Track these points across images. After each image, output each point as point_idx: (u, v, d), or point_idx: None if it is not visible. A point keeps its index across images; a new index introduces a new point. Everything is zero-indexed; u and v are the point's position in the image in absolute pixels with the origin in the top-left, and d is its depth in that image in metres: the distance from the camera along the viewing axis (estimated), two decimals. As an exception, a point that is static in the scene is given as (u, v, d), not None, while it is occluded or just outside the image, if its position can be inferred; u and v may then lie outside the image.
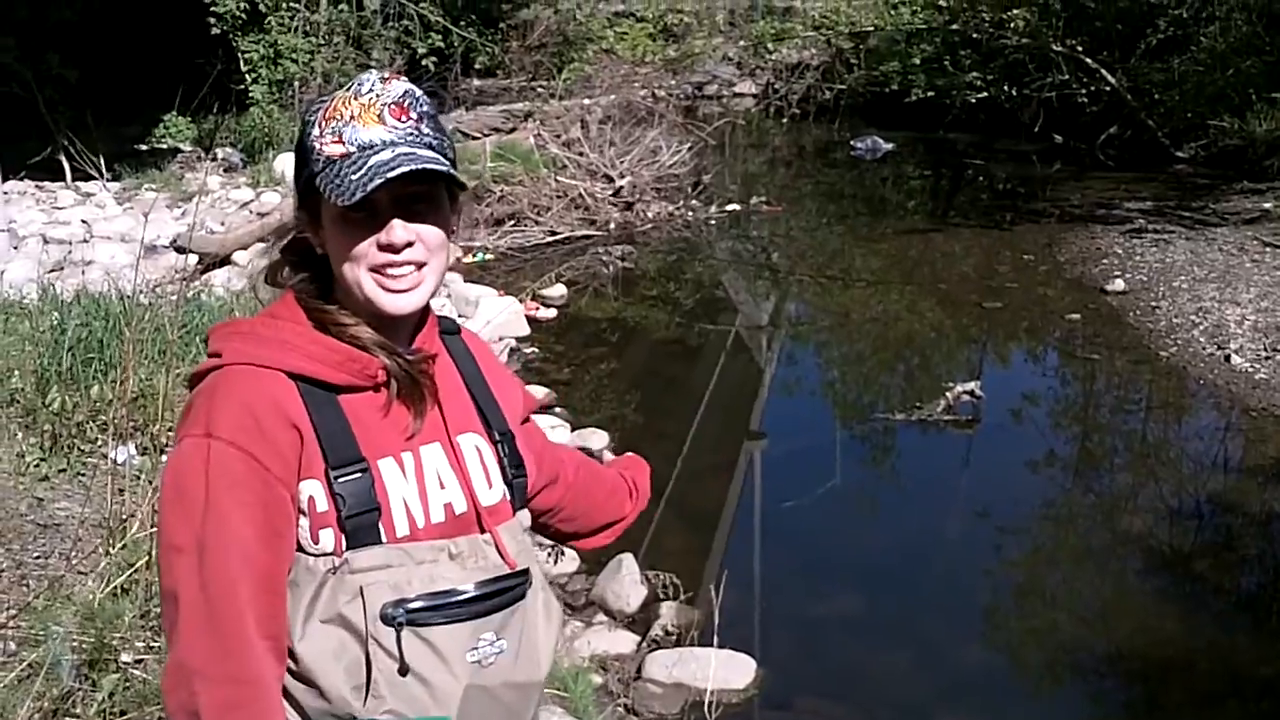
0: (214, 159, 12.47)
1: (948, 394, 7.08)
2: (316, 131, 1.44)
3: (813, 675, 4.59)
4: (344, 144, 1.42)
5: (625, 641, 4.55)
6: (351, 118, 1.43)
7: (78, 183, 11.54)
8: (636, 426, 7.03)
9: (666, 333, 9.01)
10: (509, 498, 1.55)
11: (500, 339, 8.00)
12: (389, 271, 1.44)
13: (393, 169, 1.39)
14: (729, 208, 12.42)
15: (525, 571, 1.52)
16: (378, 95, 1.44)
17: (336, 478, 1.39)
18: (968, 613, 5.26)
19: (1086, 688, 4.83)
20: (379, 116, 1.43)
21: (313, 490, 1.39)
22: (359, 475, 1.40)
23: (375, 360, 1.45)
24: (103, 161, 11.41)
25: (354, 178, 1.39)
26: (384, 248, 1.43)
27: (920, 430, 7.03)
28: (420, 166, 1.40)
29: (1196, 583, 5.60)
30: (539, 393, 7.20)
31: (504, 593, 1.47)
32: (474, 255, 10.27)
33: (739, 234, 12.01)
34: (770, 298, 10.43)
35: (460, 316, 8.08)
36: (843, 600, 5.23)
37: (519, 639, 1.49)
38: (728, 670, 4.28)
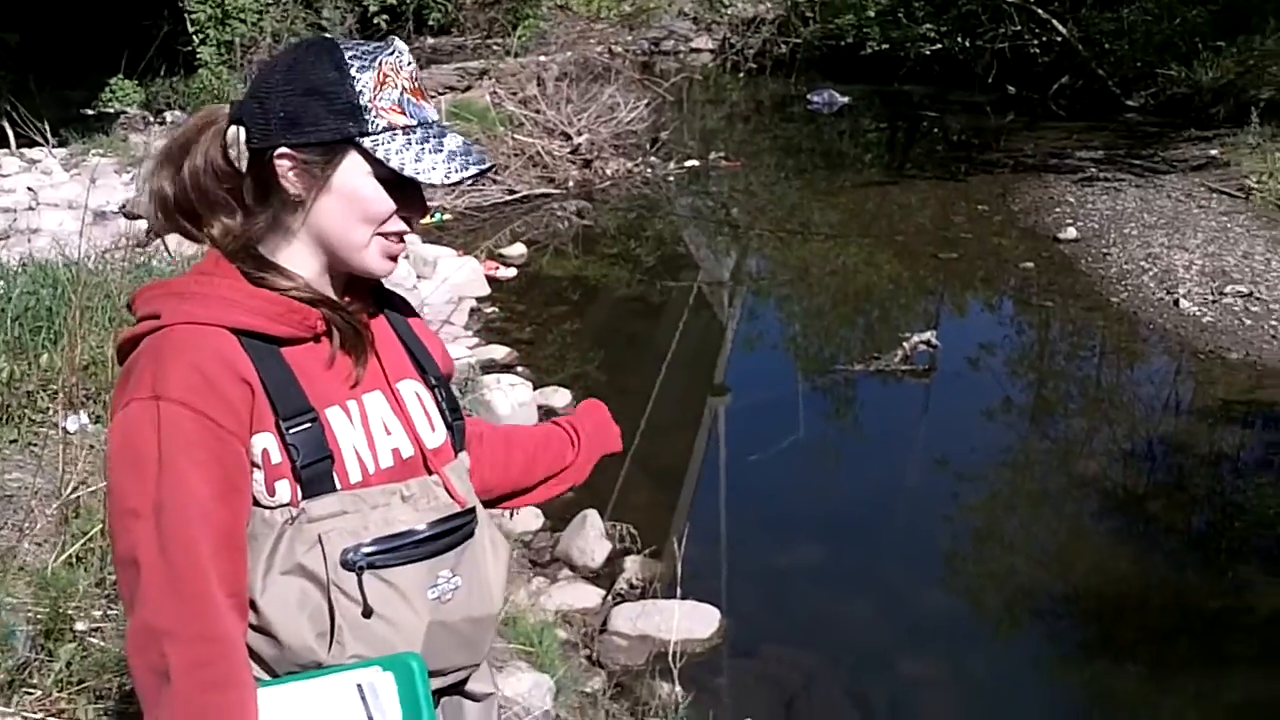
0: (162, 122, 12.28)
1: (905, 344, 7.16)
2: (370, 93, 1.43)
3: (776, 624, 4.66)
4: (406, 115, 1.45)
5: (590, 596, 4.60)
6: (404, 90, 1.45)
7: (22, 149, 11.33)
8: (599, 384, 7.05)
9: (628, 290, 9.02)
10: (450, 440, 1.58)
11: (460, 299, 7.99)
12: (399, 241, 1.49)
13: (479, 162, 1.47)
14: (688, 164, 12.42)
15: (473, 509, 1.56)
16: (412, 68, 1.48)
17: (288, 429, 1.40)
18: (928, 559, 5.35)
19: (1044, 628, 4.93)
20: (422, 92, 1.48)
21: (266, 443, 1.40)
22: (309, 425, 1.41)
23: (315, 311, 1.47)
24: (47, 127, 11.19)
25: (435, 157, 1.43)
26: (405, 219, 1.48)
27: (879, 381, 7.11)
28: (490, 164, 1.49)
29: (1149, 523, 5.72)
30: (499, 352, 7.21)
31: (455, 531, 1.51)
32: (432, 215, 10.21)
33: (698, 190, 12.02)
34: (731, 253, 10.46)
35: (419, 277, 8.06)
36: (806, 550, 5.29)
37: (472, 574, 1.53)
38: (692, 621, 4.33)
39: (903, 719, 4.13)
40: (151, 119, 12.40)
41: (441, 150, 1.44)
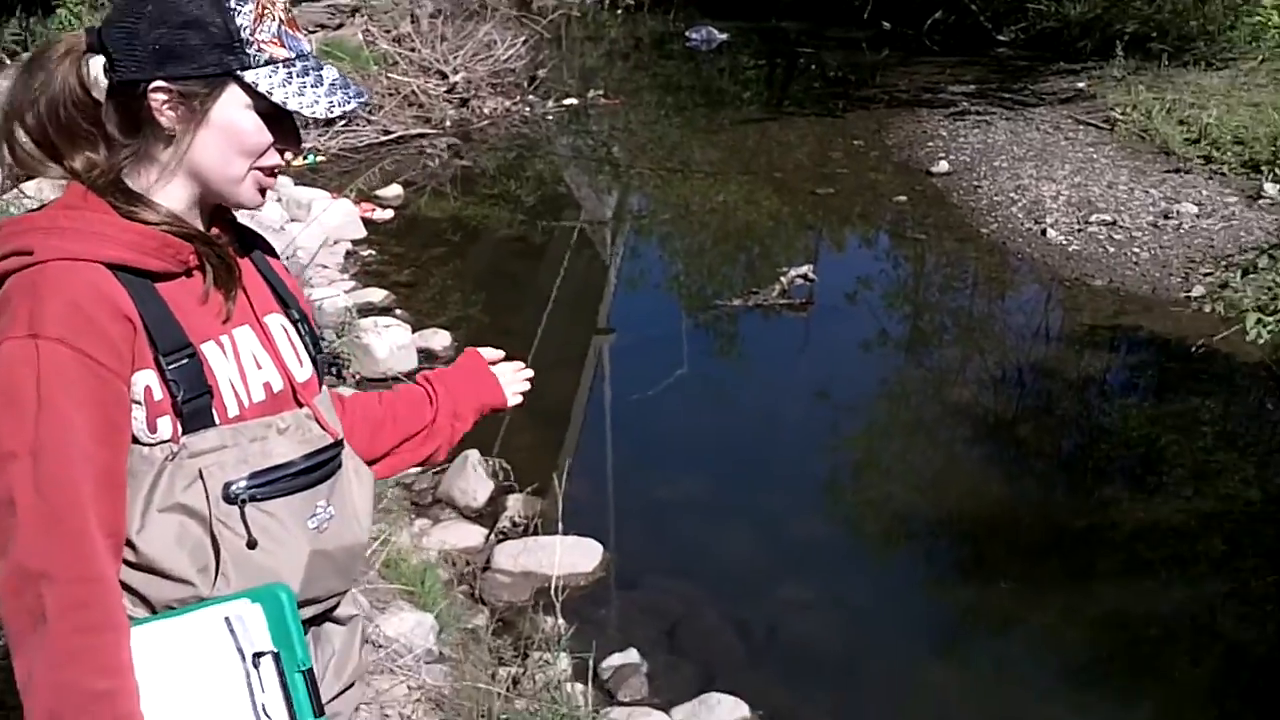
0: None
1: (782, 279, 7.25)
2: (250, 25, 1.41)
3: (659, 555, 4.72)
4: (285, 48, 1.43)
5: (473, 535, 4.60)
6: (281, 22, 1.44)
7: None
8: (483, 326, 7.01)
9: (509, 230, 8.95)
10: (316, 373, 1.59)
11: (335, 242, 7.83)
12: (272, 175, 1.48)
13: (358, 95, 1.46)
14: (566, 102, 12.31)
15: (341, 441, 1.58)
16: (286, 0, 1.46)
17: (169, 364, 1.38)
18: (808, 488, 5.48)
19: (920, 550, 5.11)
20: (296, 24, 1.46)
21: (147, 380, 1.38)
22: (188, 360, 1.40)
23: (187, 245, 1.45)
24: (-107, 71, 10.63)
25: (316, 91, 1.43)
26: (281, 153, 1.47)
27: (760, 316, 7.20)
28: (367, 99, 1.50)
29: (1019, 446, 5.92)
30: (377, 295, 7.11)
31: (328, 462, 1.53)
32: (304, 157, 9.96)
33: (578, 129, 11.93)
34: (612, 192, 10.44)
35: (291, 220, 7.87)
36: (689, 483, 5.35)
37: (343, 504, 1.55)
38: (574, 556, 4.37)
39: (782, 642, 4.23)
40: (7, 62, 11.82)
41: (321, 84, 1.44)
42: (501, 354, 1.98)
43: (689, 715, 3.66)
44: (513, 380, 1.97)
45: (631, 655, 3.93)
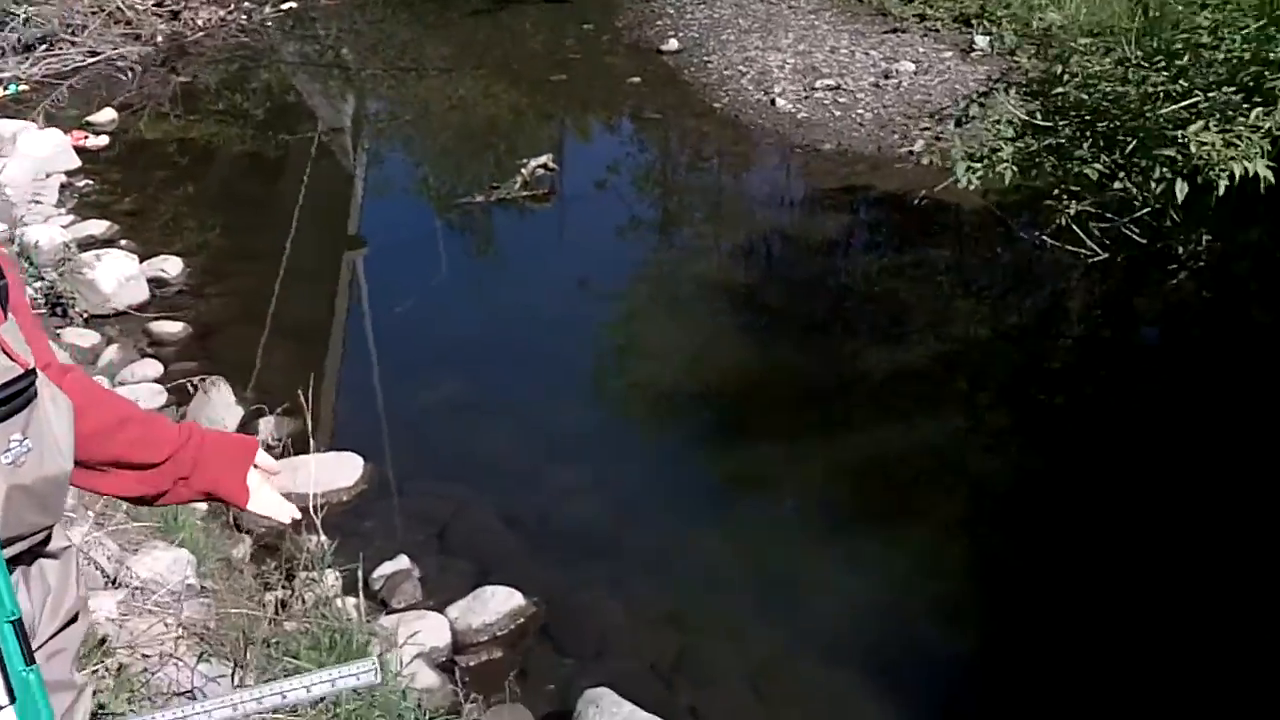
0: None
1: (523, 170, 7.19)
2: None
3: (425, 462, 4.69)
4: None
5: (228, 464, 4.42)
6: None
7: None
8: (224, 251, 6.71)
9: (242, 147, 8.55)
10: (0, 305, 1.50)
11: (47, 175, 7.31)
12: None
13: None
14: (286, 6, 11.68)
15: (34, 370, 1.50)
16: None
17: None
18: (573, 378, 5.51)
19: (684, 425, 5.19)
20: None
21: None
22: None
23: None
24: None
25: None
26: None
27: (515, 211, 7.16)
28: None
29: (771, 313, 6.12)
30: (99, 227, 6.69)
31: (20, 394, 1.45)
32: (4, 88, 9.20)
33: (303, 33, 11.39)
34: (347, 98, 10.08)
35: (-3, 156, 7.30)
36: (453, 388, 5.31)
37: (41, 435, 1.48)
38: (334, 472, 4.30)
39: (553, 529, 4.28)
40: None
41: None
42: (278, 468, 1.84)
43: (464, 612, 3.69)
44: (269, 502, 1.81)
45: (402, 562, 3.92)
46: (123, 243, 6.48)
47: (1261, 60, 5.19)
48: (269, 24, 11.32)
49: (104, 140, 8.27)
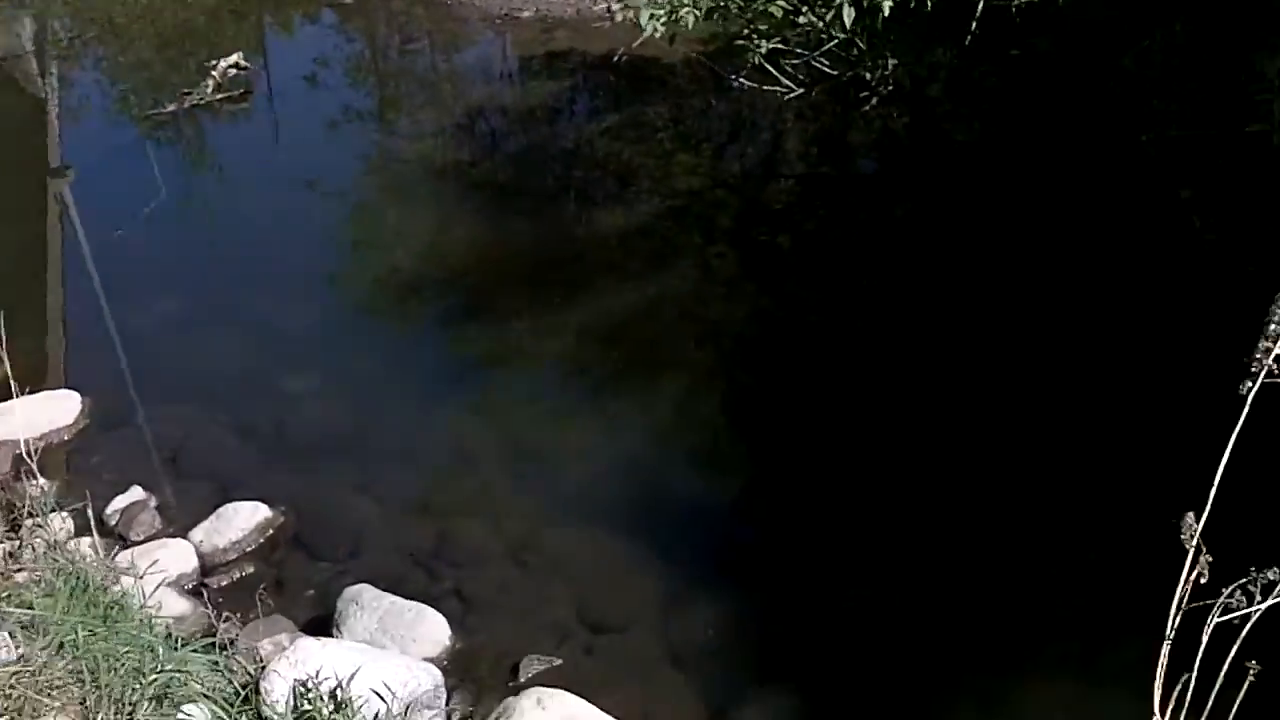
0: None
1: (214, 73, 6.84)
2: None
3: (150, 389, 4.45)
4: None
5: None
6: None
7: None
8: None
9: (-97, 86, 7.82)
10: None
11: None
12: None
13: None
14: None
15: None
16: None
17: None
18: (307, 281, 5.33)
19: (429, 313, 5.13)
20: None
21: None
22: None
23: None
24: None
25: None
26: None
27: (210, 117, 6.80)
28: None
29: (500, 189, 6.08)
30: None
31: None
32: None
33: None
34: (24, 20, 9.27)
35: None
36: (178, 308, 5.09)
37: None
38: (50, 413, 4.10)
39: (292, 436, 4.18)
40: None
41: None
42: None
43: (208, 533, 3.60)
44: None
45: (136, 493, 3.78)
46: None
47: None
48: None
49: None
